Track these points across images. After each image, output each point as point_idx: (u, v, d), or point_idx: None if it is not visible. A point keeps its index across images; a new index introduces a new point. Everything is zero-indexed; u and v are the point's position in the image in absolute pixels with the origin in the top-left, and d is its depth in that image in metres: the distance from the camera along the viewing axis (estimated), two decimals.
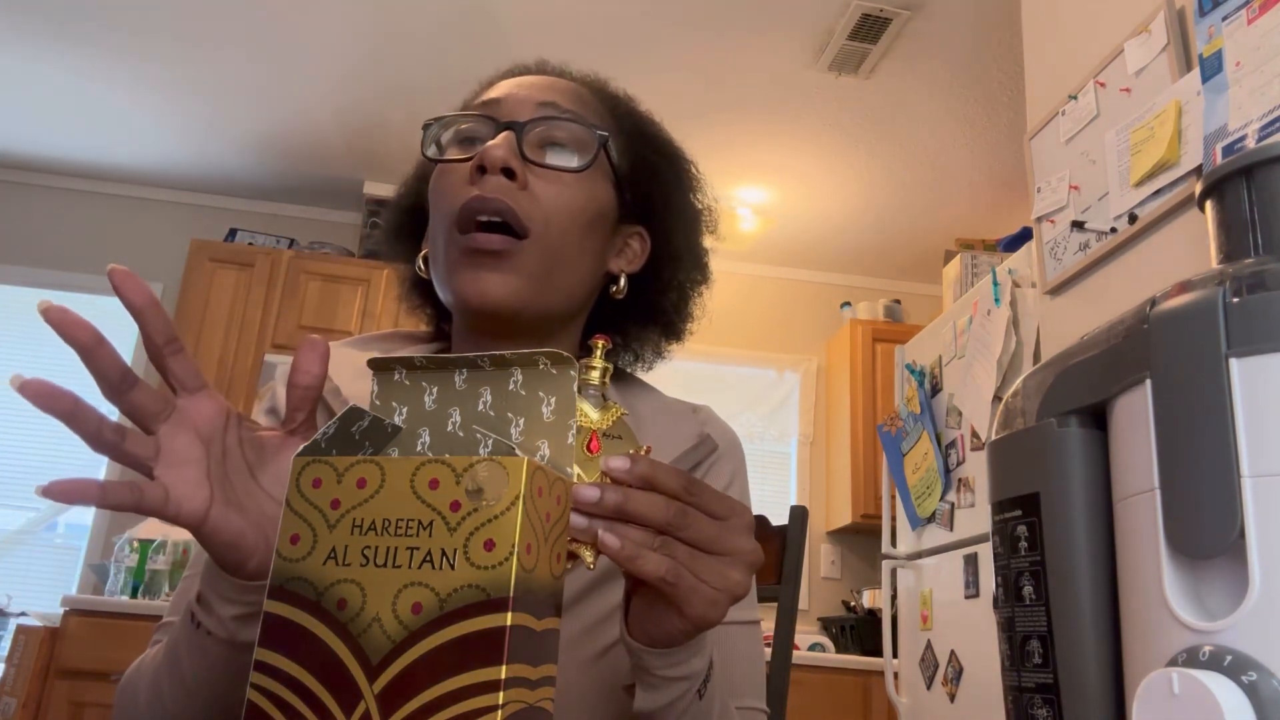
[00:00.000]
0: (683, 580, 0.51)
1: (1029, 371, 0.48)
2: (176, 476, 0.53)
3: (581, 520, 0.50)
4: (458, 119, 0.80)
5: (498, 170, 0.73)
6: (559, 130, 0.77)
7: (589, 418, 0.54)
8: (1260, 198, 0.44)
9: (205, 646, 0.57)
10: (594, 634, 0.75)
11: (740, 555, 0.54)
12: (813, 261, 4.59)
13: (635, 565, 0.50)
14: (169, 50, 3.34)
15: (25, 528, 3.93)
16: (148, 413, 0.55)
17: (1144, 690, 0.35)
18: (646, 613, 0.57)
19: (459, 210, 0.73)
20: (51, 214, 4.23)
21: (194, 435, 0.54)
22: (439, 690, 0.40)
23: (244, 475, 0.56)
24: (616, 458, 0.51)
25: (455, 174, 0.76)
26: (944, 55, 3.10)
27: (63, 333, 0.52)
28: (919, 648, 2.78)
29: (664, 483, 0.52)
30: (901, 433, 2.99)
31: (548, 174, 0.76)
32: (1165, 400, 0.38)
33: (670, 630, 0.56)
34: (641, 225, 0.86)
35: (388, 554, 0.43)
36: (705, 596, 0.52)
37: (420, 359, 0.52)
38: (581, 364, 0.54)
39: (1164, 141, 1.66)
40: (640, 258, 0.86)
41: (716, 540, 0.53)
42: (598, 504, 0.50)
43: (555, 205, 0.75)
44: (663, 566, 0.51)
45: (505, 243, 0.73)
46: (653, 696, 0.61)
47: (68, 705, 2.87)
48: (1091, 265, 1.87)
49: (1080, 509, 0.43)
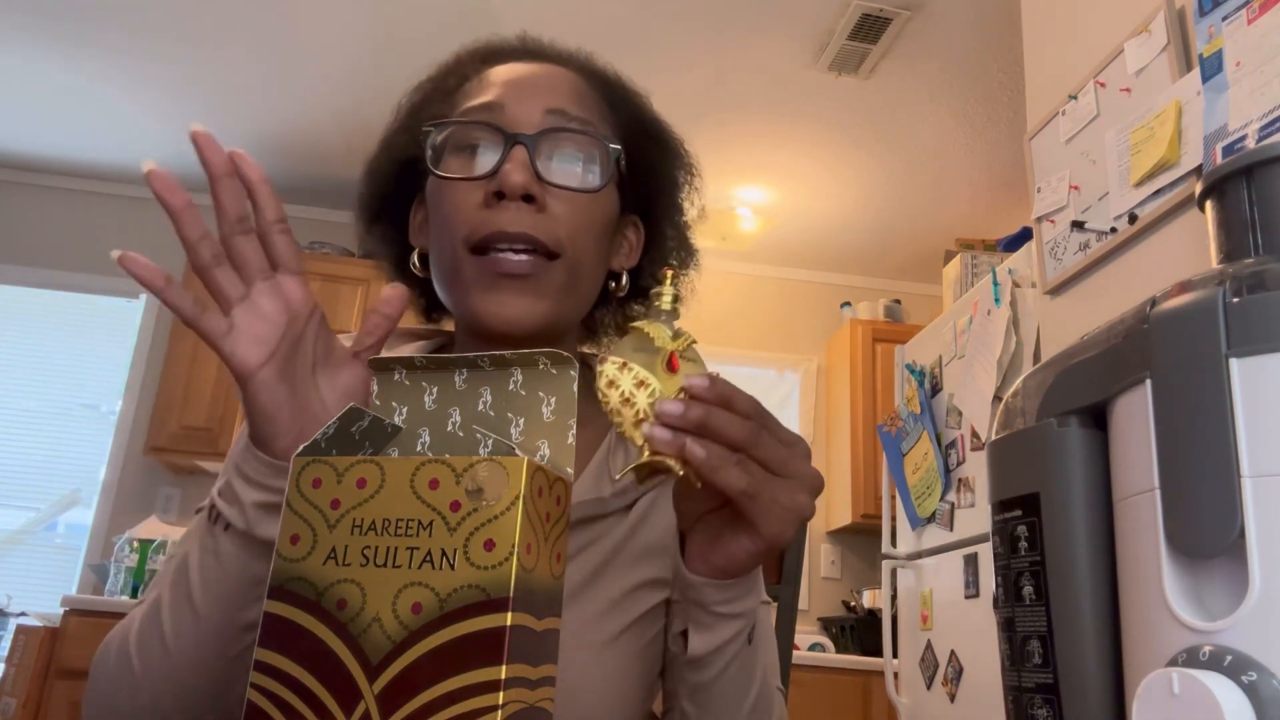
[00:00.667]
0: (761, 494, 0.53)
1: (1029, 371, 0.48)
2: (249, 322, 0.56)
3: (665, 433, 0.52)
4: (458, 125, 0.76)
5: (518, 197, 0.70)
6: (570, 142, 0.75)
7: (666, 338, 0.55)
8: (1260, 198, 0.44)
9: (221, 549, 0.59)
10: (603, 621, 0.74)
11: (806, 479, 0.56)
12: (813, 261, 4.59)
13: (719, 476, 0.52)
14: (169, 50, 3.34)
15: (25, 528, 3.93)
16: (251, 265, 0.58)
17: (1144, 690, 0.35)
18: (711, 541, 0.59)
19: (479, 239, 0.71)
20: (51, 214, 4.23)
21: (283, 305, 0.58)
22: (439, 690, 0.40)
23: (306, 366, 0.60)
24: (697, 376, 0.53)
25: (464, 192, 0.72)
26: (944, 55, 3.10)
27: (202, 157, 0.57)
28: (919, 648, 2.78)
29: (739, 404, 0.54)
30: (901, 433, 2.99)
31: (564, 194, 0.73)
32: (1165, 400, 0.38)
33: (739, 553, 0.58)
34: (635, 214, 0.84)
35: (388, 554, 0.43)
36: (779, 514, 0.54)
37: (420, 359, 0.52)
38: (654, 292, 0.57)
39: (1164, 141, 1.66)
40: (636, 249, 0.85)
41: (786, 463, 0.55)
42: (681, 417, 0.52)
43: (575, 225, 0.73)
44: (744, 479, 0.53)
45: (533, 265, 0.71)
46: (707, 638, 0.62)
47: (68, 705, 2.87)
48: (1091, 265, 1.87)
49: (1080, 509, 0.43)
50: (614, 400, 0.54)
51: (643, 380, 0.54)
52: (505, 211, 0.70)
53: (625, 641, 0.75)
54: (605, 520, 0.77)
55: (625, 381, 0.54)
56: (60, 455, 4.01)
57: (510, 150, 0.71)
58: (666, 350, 0.55)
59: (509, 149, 0.71)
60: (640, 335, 0.56)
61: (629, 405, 0.54)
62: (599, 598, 0.75)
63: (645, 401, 0.53)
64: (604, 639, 0.74)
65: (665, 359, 0.55)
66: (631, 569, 0.77)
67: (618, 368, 0.54)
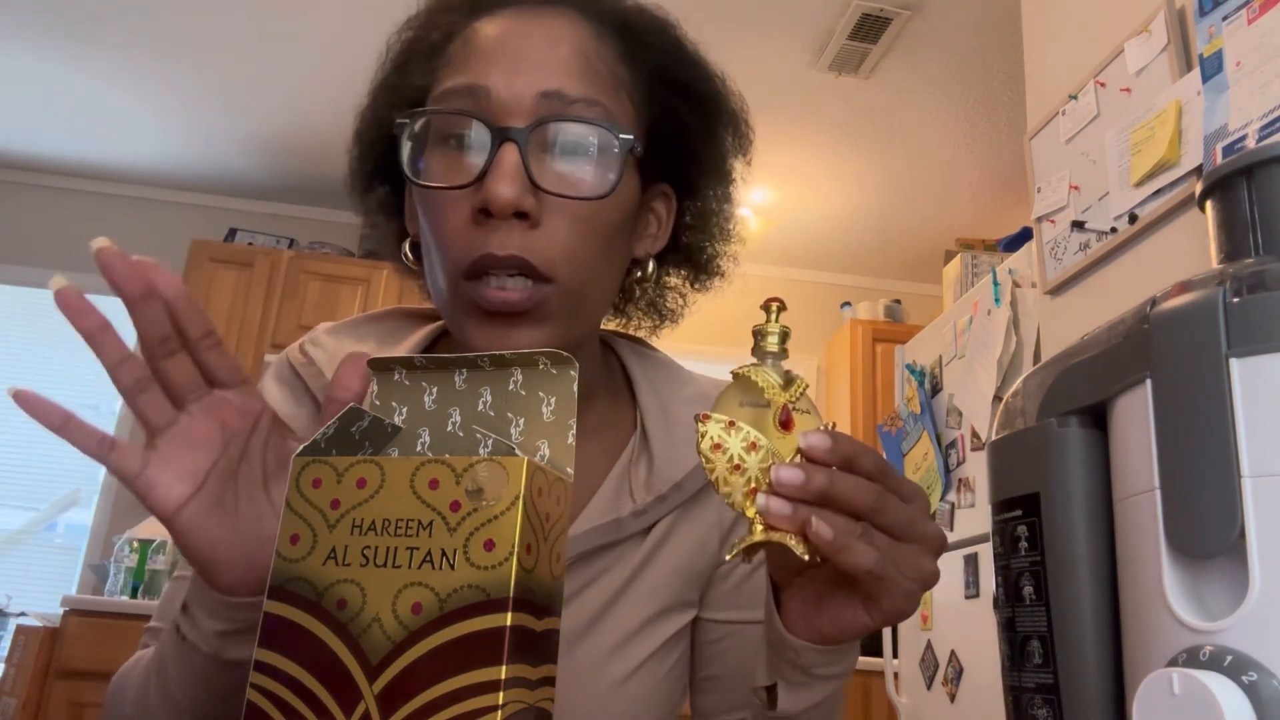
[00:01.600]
0: (888, 572, 0.47)
1: (1029, 371, 0.48)
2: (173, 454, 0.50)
3: (784, 506, 0.46)
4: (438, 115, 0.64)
5: (508, 216, 0.60)
6: (570, 133, 0.63)
7: (777, 389, 0.48)
8: (1260, 198, 0.44)
9: (191, 661, 0.54)
10: (616, 658, 0.68)
11: (929, 541, 0.50)
12: (813, 261, 4.59)
13: (845, 557, 0.46)
14: (169, 50, 3.34)
15: (25, 528, 3.93)
16: (181, 386, 0.51)
17: (1144, 690, 0.35)
18: (816, 605, 0.53)
19: (470, 265, 0.61)
20: (51, 214, 4.23)
21: (218, 427, 0.51)
22: (439, 690, 0.40)
23: (255, 484, 0.53)
24: (815, 434, 0.47)
25: (451, 204, 0.63)
26: (944, 55, 3.10)
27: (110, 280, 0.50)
28: (919, 648, 2.78)
29: (863, 463, 0.47)
30: (901, 433, 2.99)
31: (565, 201, 0.62)
32: (1165, 400, 0.38)
33: (851, 625, 0.52)
34: (666, 182, 0.73)
35: (388, 554, 0.43)
36: (904, 589, 0.49)
37: (420, 359, 0.52)
38: (757, 329, 0.50)
39: (1164, 141, 1.66)
40: (666, 224, 0.74)
41: (911, 526, 0.49)
42: (803, 487, 0.45)
43: (577, 240, 0.63)
44: (871, 557, 0.46)
45: (526, 296, 0.61)
46: (801, 696, 0.57)
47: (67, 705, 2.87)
48: (1091, 265, 1.87)
49: (1080, 509, 0.43)
50: (720, 467, 0.47)
51: (754, 442, 0.47)
52: (495, 232, 0.61)
53: (641, 677, 0.69)
54: (620, 546, 0.70)
55: (733, 444, 0.47)
56: (60, 455, 4.01)
57: (498, 150, 0.60)
58: (779, 403, 0.48)
59: (497, 148, 0.60)
60: (747, 385, 0.49)
61: (739, 473, 0.47)
62: (611, 632, 0.69)
63: (758, 468, 0.47)
64: (618, 678, 0.68)
65: (778, 414, 0.48)
66: (648, 598, 0.70)
67: (723, 427, 0.47)
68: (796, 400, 0.49)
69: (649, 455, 0.73)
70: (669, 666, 0.71)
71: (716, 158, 0.75)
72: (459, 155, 0.63)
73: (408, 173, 0.64)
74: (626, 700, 0.68)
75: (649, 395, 0.76)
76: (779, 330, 0.50)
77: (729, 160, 0.76)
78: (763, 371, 0.49)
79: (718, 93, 0.74)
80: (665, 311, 0.80)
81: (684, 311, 0.81)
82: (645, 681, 0.69)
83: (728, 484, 0.47)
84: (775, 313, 0.50)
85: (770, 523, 0.46)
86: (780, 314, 0.50)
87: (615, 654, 0.68)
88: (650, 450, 0.73)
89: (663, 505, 0.71)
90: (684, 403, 0.76)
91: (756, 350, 0.50)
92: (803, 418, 0.49)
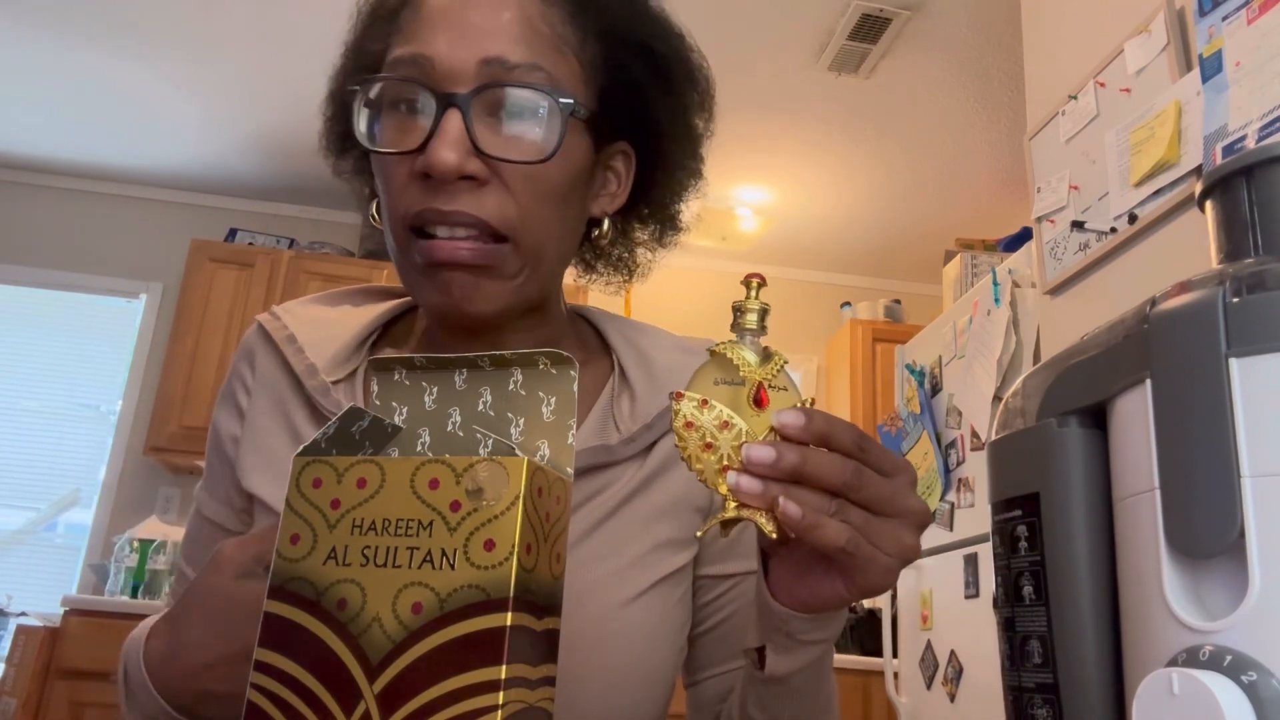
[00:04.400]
0: (861, 549, 0.47)
1: (1029, 371, 0.48)
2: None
3: (755, 484, 0.46)
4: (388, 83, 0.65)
5: (452, 180, 0.62)
6: (511, 98, 0.64)
7: (751, 366, 0.48)
8: (1260, 198, 0.44)
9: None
10: (621, 580, 0.69)
11: (911, 515, 0.50)
12: (813, 261, 4.59)
13: (816, 535, 0.46)
14: (169, 50, 3.34)
15: (25, 528, 3.93)
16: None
17: (1144, 690, 0.35)
18: (798, 578, 0.53)
19: (414, 217, 0.63)
20: (51, 214, 4.23)
21: None
22: (439, 690, 0.40)
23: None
24: (788, 412, 0.47)
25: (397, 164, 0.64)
26: (944, 55, 3.10)
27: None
28: (919, 648, 2.78)
29: (839, 439, 0.47)
30: (901, 433, 2.99)
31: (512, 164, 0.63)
32: (1165, 400, 0.38)
33: (829, 596, 0.52)
34: (624, 140, 0.73)
35: (388, 554, 0.43)
36: (881, 564, 0.49)
37: (420, 359, 0.52)
38: (737, 305, 0.49)
39: (1164, 141, 1.66)
40: (625, 182, 0.74)
41: (890, 501, 0.49)
42: (774, 465, 0.46)
43: (528, 199, 0.64)
44: (843, 535, 0.47)
45: (478, 253, 0.63)
46: (788, 660, 0.58)
47: (68, 705, 2.87)
48: (1091, 265, 1.87)
49: (1080, 509, 0.43)
50: (693, 444, 0.47)
51: (726, 420, 0.47)
52: (441, 191, 0.62)
53: (650, 601, 0.69)
54: (615, 467, 0.71)
55: (706, 421, 0.47)
56: (60, 455, 4.01)
57: (442, 117, 0.62)
58: (754, 380, 0.48)
59: (441, 114, 0.62)
60: (722, 362, 0.48)
61: (711, 450, 0.47)
62: (612, 553, 0.69)
63: (730, 445, 0.47)
64: (622, 600, 0.68)
65: (753, 391, 0.48)
66: (651, 523, 0.71)
67: (696, 405, 0.47)
68: (773, 377, 0.48)
69: (630, 391, 0.74)
70: (671, 604, 0.71)
71: (675, 115, 0.74)
72: (409, 119, 0.64)
73: (360, 137, 0.65)
74: (630, 623, 0.68)
75: (622, 342, 0.78)
76: (758, 307, 0.49)
77: (689, 116, 0.76)
78: (738, 348, 0.48)
79: (674, 49, 0.74)
80: (632, 268, 0.81)
81: (650, 267, 0.82)
82: (652, 607, 0.69)
83: (700, 461, 0.47)
84: (755, 289, 0.49)
85: (741, 500, 0.46)
86: (760, 290, 0.50)
87: (620, 576, 0.69)
88: (631, 387, 0.74)
89: (650, 432, 0.72)
90: (661, 350, 0.78)
91: (735, 327, 0.49)
92: (779, 395, 0.48)
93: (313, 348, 0.75)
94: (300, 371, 0.74)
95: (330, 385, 0.73)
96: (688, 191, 0.79)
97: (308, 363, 0.74)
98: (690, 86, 0.75)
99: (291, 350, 0.75)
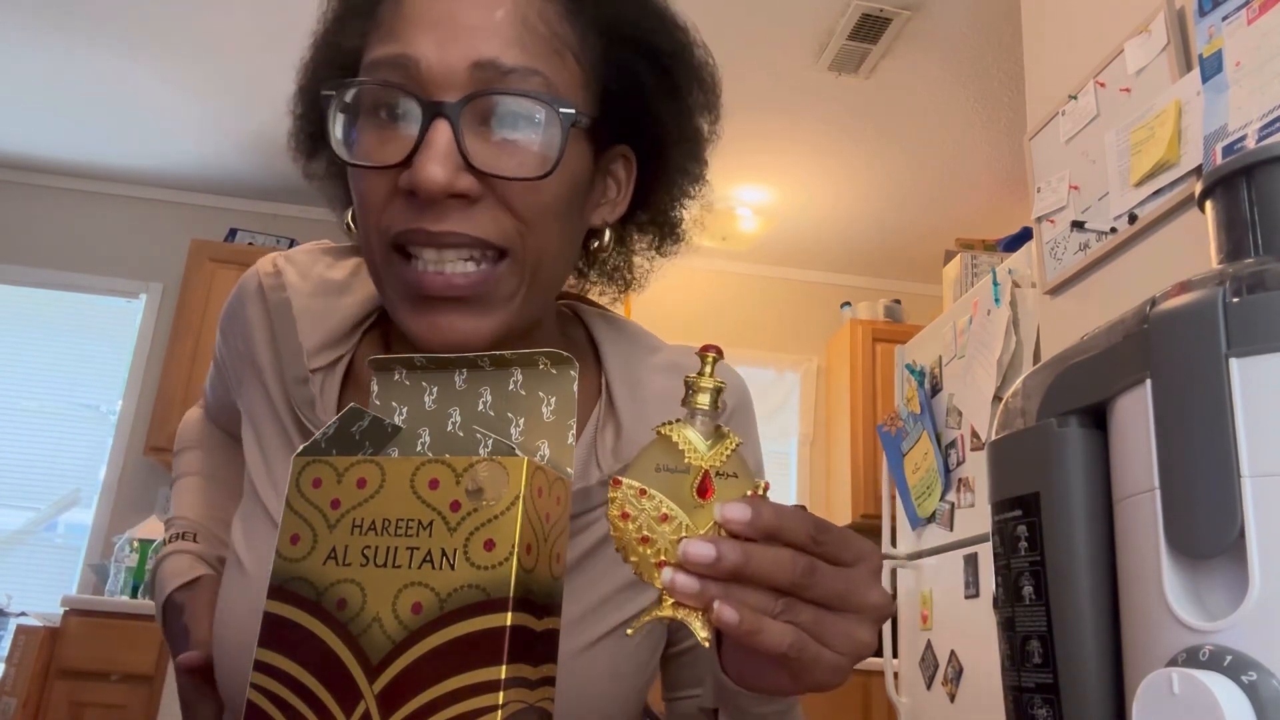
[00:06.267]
0: (806, 651, 0.44)
1: (1029, 371, 0.48)
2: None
3: (691, 583, 0.42)
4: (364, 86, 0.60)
5: (440, 200, 0.56)
6: (507, 106, 0.58)
7: (698, 452, 0.44)
8: (1260, 198, 0.44)
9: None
10: (586, 623, 0.66)
11: (868, 611, 0.46)
12: (813, 261, 4.59)
13: (756, 640, 0.42)
14: (169, 50, 3.34)
15: (25, 528, 3.93)
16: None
17: (1144, 690, 0.35)
18: (747, 662, 0.51)
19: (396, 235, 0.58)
20: (51, 214, 4.23)
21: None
22: (439, 690, 0.40)
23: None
24: (734, 505, 0.43)
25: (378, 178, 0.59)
26: (944, 55, 3.10)
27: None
28: (919, 648, 2.78)
29: (791, 533, 0.44)
30: (901, 433, 2.99)
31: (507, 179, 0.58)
32: (1165, 400, 0.38)
33: (776, 687, 0.50)
34: (625, 144, 0.68)
35: (388, 554, 0.43)
36: (828, 664, 0.45)
37: (420, 359, 0.52)
38: (689, 381, 0.45)
39: (1164, 141, 1.66)
40: (627, 187, 0.69)
41: (845, 596, 0.45)
42: (713, 564, 0.42)
43: (526, 212, 0.59)
44: (786, 639, 0.43)
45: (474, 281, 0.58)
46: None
47: (68, 705, 2.87)
48: (1091, 265, 1.87)
49: (1080, 509, 0.43)
50: (628, 536, 0.43)
51: (665, 513, 0.43)
52: (429, 209, 0.56)
53: (609, 645, 0.67)
54: (586, 515, 0.68)
55: (644, 513, 0.43)
56: (60, 455, 4.01)
57: (429, 128, 0.56)
58: (699, 469, 0.44)
59: (427, 124, 0.56)
60: (667, 446, 0.44)
61: (648, 544, 0.43)
62: (580, 599, 0.66)
63: (669, 539, 0.43)
64: (585, 644, 0.66)
65: (697, 479, 0.44)
66: (617, 569, 0.68)
67: (635, 494, 0.43)
68: (722, 464, 0.44)
69: (616, 423, 0.69)
70: (634, 643, 0.68)
71: (679, 116, 0.69)
72: (391, 128, 0.58)
73: (337, 148, 0.60)
74: (588, 669, 0.65)
75: (616, 363, 0.73)
76: (712, 386, 0.45)
77: (694, 117, 0.71)
78: (684, 431, 0.44)
79: (680, 45, 0.68)
80: (629, 279, 0.76)
81: (648, 279, 0.76)
82: (608, 654, 0.66)
83: (635, 554, 0.43)
84: (710, 364, 0.45)
85: (677, 599, 0.43)
86: (715, 366, 0.45)
87: (587, 619, 0.66)
88: (617, 417, 0.69)
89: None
90: (653, 370, 0.73)
91: (685, 403, 0.45)
92: (726, 483, 0.44)
93: (307, 321, 0.71)
94: (285, 351, 0.71)
95: (310, 375, 0.69)
96: (689, 198, 0.74)
97: (295, 343, 0.70)
98: (696, 86, 0.70)
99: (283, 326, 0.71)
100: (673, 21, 0.69)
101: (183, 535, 0.85)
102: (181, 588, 0.80)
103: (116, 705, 2.91)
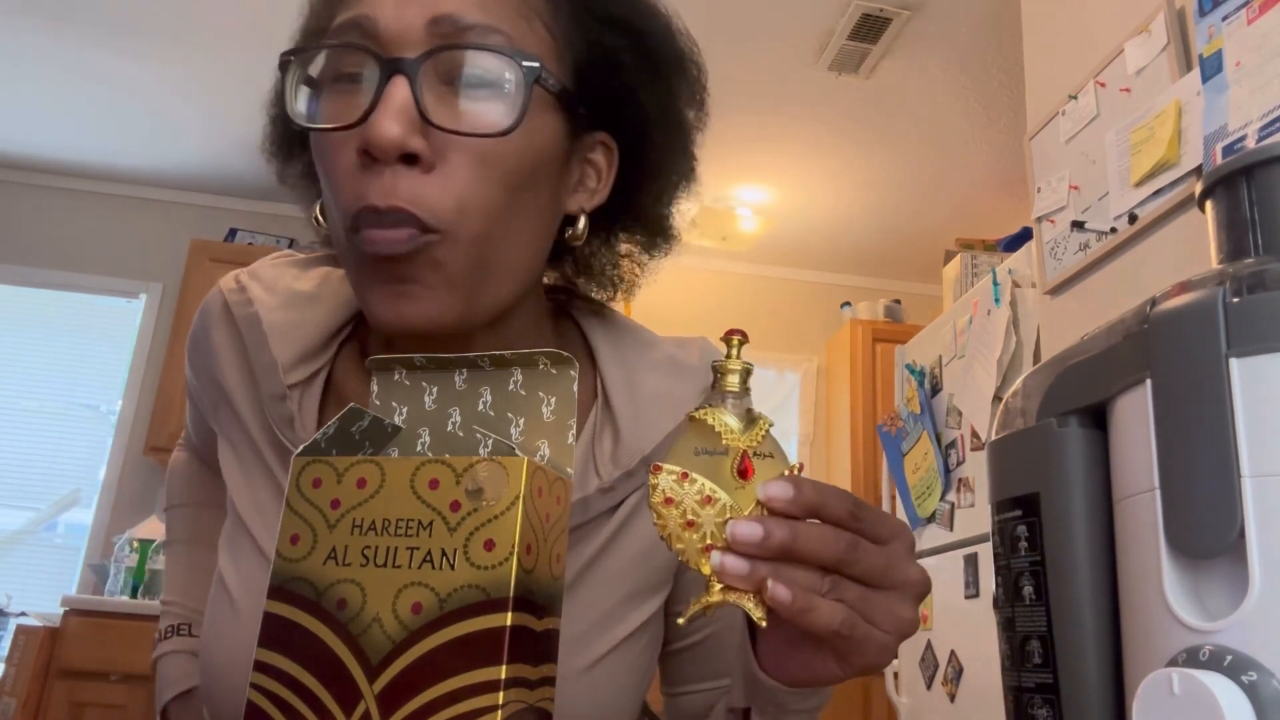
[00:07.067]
0: (857, 629, 0.44)
1: (1029, 371, 0.48)
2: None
3: (741, 565, 0.42)
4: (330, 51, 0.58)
5: (393, 160, 0.53)
6: (468, 62, 0.56)
7: (735, 434, 0.44)
8: (1260, 198, 0.44)
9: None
10: (586, 641, 0.64)
11: (910, 586, 0.46)
12: (813, 261, 4.59)
13: (809, 619, 0.42)
14: (169, 50, 3.34)
15: (25, 528, 3.93)
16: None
17: (1144, 690, 0.35)
18: (789, 653, 0.50)
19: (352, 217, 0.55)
20: (51, 214, 4.23)
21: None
22: (439, 690, 0.40)
23: None
24: (775, 483, 0.43)
25: (339, 147, 0.56)
26: (944, 55, 3.10)
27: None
28: (919, 648, 2.78)
29: (832, 509, 0.44)
30: (901, 433, 2.99)
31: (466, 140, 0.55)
32: (1165, 400, 0.38)
33: (822, 675, 0.49)
34: (605, 130, 0.65)
35: (388, 554, 0.43)
36: (877, 643, 0.45)
37: (420, 359, 0.52)
38: (716, 366, 0.46)
39: (1164, 141, 1.66)
40: (607, 176, 0.66)
41: (887, 572, 0.45)
42: (761, 543, 0.42)
43: (477, 185, 0.55)
44: (838, 617, 0.43)
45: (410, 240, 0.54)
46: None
47: (68, 705, 2.87)
48: (1091, 265, 1.87)
49: (1080, 509, 0.43)
50: (673, 523, 0.43)
51: (709, 495, 0.43)
52: (380, 179, 0.54)
53: (608, 665, 0.65)
54: (584, 527, 0.65)
55: (687, 497, 0.43)
56: (60, 455, 4.01)
57: (386, 84, 0.53)
58: (738, 449, 0.44)
59: (384, 81, 0.54)
60: (702, 430, 0.44)
61: (694, 529, 0.43)
62: (579, 617, 0.64)
63: (714, 522, 0.43)
64: (588, 662, 0.64)
65: (737, 461, 0.44)
66: (614, 582, 0.66)
67: (676, 479, 0.44)
68: (758, 444, 0.44)
69: (614, 427, 0.67)
70: (636, 654, 0.67)
71: (661, 103, 0.66)
72: (352, 94, 0.56)
73: (294, 116, 0.57)
74: (591, 689, 0.63)
75: (612, 364, 0.70)
76: (740, 367, 0.45)
77: (678, 107, 0.68)
78: (719, 414, 0.44)
79: (658, 28, 0.66)
80: (617, 282, 0.73)
81: (639, 282, 0.74)
82: (619, 662, 0.65)
83: (681, 540, 0.44)
84: (737, 347, 0.45)
85: (726, 582, 0.43)
86: (742, 348, 0.45)
87: (587, 637, 0.64)
88: (615, 422, 0.67)
89: (631, 480, 0.66)
90: (651, 368, 0.70)
91: (715, 389, 0.45)
92: (764, 463, 0.44)
93: (279, 335, 0.68)
94: (259, 368, 0.67)
95: (287, 392, 0.66)
96: (678, 193, 0.71)
97: (269, 359, 0.67)
98: (678, 72, 0.67)
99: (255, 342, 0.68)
100: (653, 6, 0.67)
101: (178, 629, 0.84)
102: (177, 698, 0.80)
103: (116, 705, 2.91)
